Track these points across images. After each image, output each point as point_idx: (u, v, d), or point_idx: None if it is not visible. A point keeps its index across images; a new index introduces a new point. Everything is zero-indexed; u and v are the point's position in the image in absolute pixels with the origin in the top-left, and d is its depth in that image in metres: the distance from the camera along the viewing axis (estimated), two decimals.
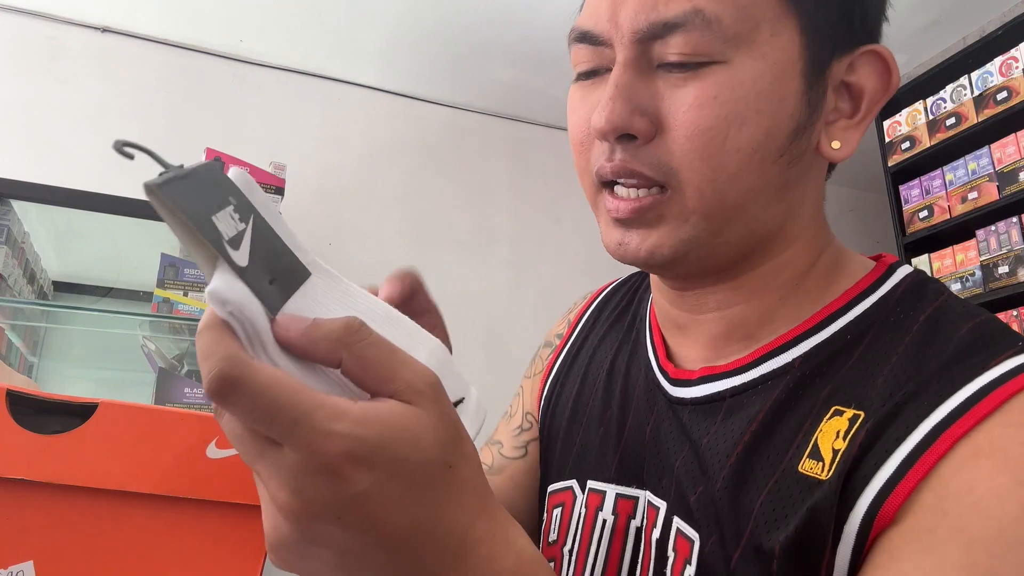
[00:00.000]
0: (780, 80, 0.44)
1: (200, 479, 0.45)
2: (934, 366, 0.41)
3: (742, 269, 0.49)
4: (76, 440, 0.44)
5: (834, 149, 0.47)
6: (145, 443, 0.45)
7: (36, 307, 2.01)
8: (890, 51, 0.47)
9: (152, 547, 0.45)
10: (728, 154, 0.43)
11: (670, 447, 0.51)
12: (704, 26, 0.42)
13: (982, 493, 0.35)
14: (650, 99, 0.45)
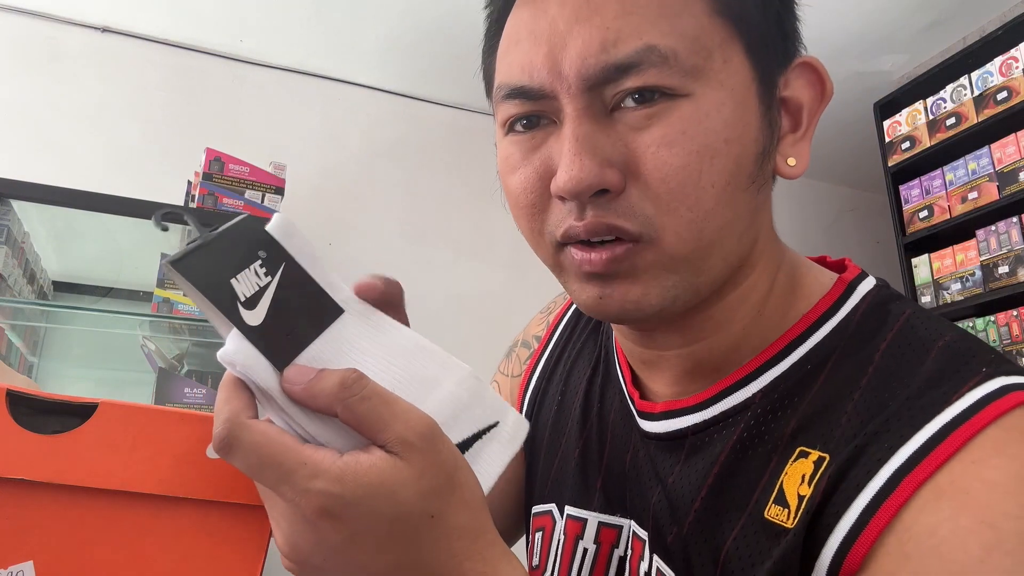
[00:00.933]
0: (741, 106, 0.42)
1: (200, 479, 0.45)
2: (897, 403, 0.39)
3: (710, 302, 0.46)
4: (76, 440, 0.44)
5: (790, 166, 0.45)
6: (145, 443, 0.45)
7: (36, 307, 2.01)
8: (813, 59, 0.46)
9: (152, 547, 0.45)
10: (704, 190, 0.41)
11: (645, 481, 0.49)
12: (661, 62, 0.40)
13: (944, 535, 0.34)
14: (613, 147, 0.41)
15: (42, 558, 0.43)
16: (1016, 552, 0.33)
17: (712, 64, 0.41)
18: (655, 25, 0.40)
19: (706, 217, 0.41)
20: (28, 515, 0.43)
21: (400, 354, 0.36)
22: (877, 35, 2.49)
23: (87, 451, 0.44)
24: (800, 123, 0.46)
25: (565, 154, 0.41)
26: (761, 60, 0.43)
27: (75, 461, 0.43)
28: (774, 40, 0.44)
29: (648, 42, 0.40)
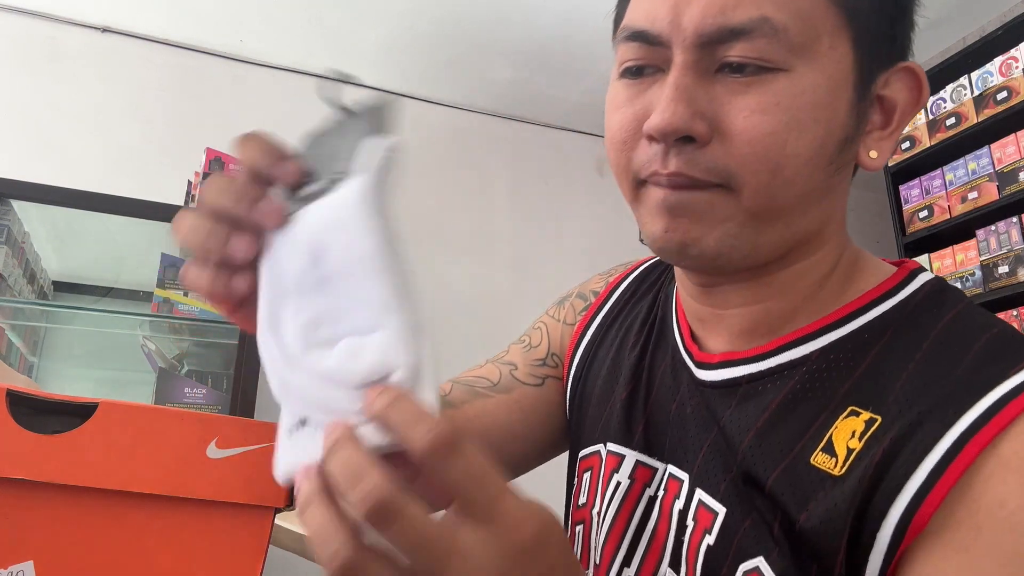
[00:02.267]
0: (835, 92, 0.45)
1: (200, 479, 0.45)
2: (955, 376, 0.41)
3: (774, 268, 0.49)
4: (76, 440, 0.44)
5: (872, 159, 0.48)
6: (145, 443, 0.45)
7: (36, 307, 2.01)
8: (915, 67, 0.49)
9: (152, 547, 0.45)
10: (787, 159, 0.44)
11: (695, 426, 0.52)
12: (771, 34, 0.43)
13: (1013, 508, 0.36)
14: (708, 103, 0.45)
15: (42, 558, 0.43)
16: None
17: (819, 46, 0.44)
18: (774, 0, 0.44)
19: (784, 184, 0.45)
20: (28, 515, 0.43)
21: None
22: None
23: (87, 451, 0.44)
24: (891, 122, 0.49)
25: (663, 98, 0.45)
26: (865, 55, 0.46)
27: (75, 461, 0.43)
28: (882, 40, 0.47)
29: (764, 13, 0.43)
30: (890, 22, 0.47)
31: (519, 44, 2.53)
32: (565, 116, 3.01)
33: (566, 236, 2.96)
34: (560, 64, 2.63)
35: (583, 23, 2.40)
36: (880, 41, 0.47)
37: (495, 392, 0.66)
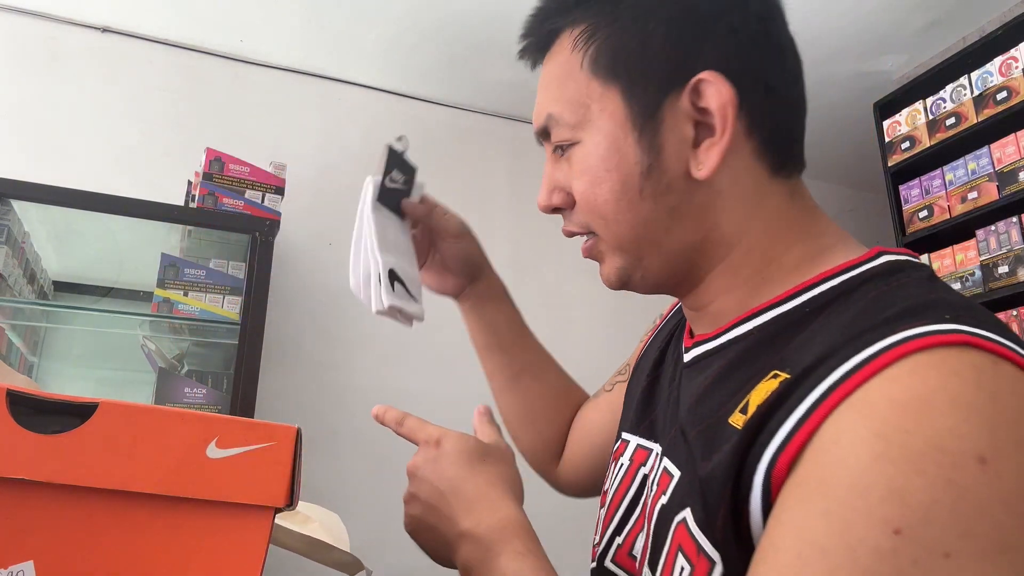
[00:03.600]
0: (616, 142, 0.54)
1: (200, 479, 0.45)
2: (853, 332, 0.43)
3: (699, 276, 0.57)
4: (76, 440, 0.44)
5: (698, 171, 0.53)
6: (145, 443, 0.45)
7: (36, 307, 2.01)
8: (716, 76, 0.51)
9: (152, 547, 0.45)
10: (602, 206, 0.55)
11: (673, 403, 0.60)
12: (557, 124, 0.57)
13: (843, 443, 0.38)
14: (563, 176, 0.59)
15: (42, 558, 0.43)
16: (899, 462, 0.36)
17: (590, 115, 0.55)
18: (552, 97, 0.57)
19: (615, 223, 0.55)
20: (28, 515, 0.43)
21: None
22: (877, 35, 2.49)
23: (87, 451, 0.44)
24: (712, 130, 0.52)
25: (542, 181, 0.62)
26: (637, 98, 0.53)
27: (75, 461, 0.43)
28: (655, 75, 0.53)
29: (549, 111, 0.57)
30: (662, 48, 0.52)
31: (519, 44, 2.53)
32: None
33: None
34: None
35: None
36: (650, 80, 0.53)
37: (597, 398, 0.84)
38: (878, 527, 0.35)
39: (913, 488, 0.36)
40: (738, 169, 0.53)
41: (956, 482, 0.35)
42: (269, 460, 0.47)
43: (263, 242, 1.96)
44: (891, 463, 0.36)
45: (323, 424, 2.35)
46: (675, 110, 0.53)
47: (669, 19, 0.53)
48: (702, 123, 0.53)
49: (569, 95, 0.56)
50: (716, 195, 0.54)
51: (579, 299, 2.88)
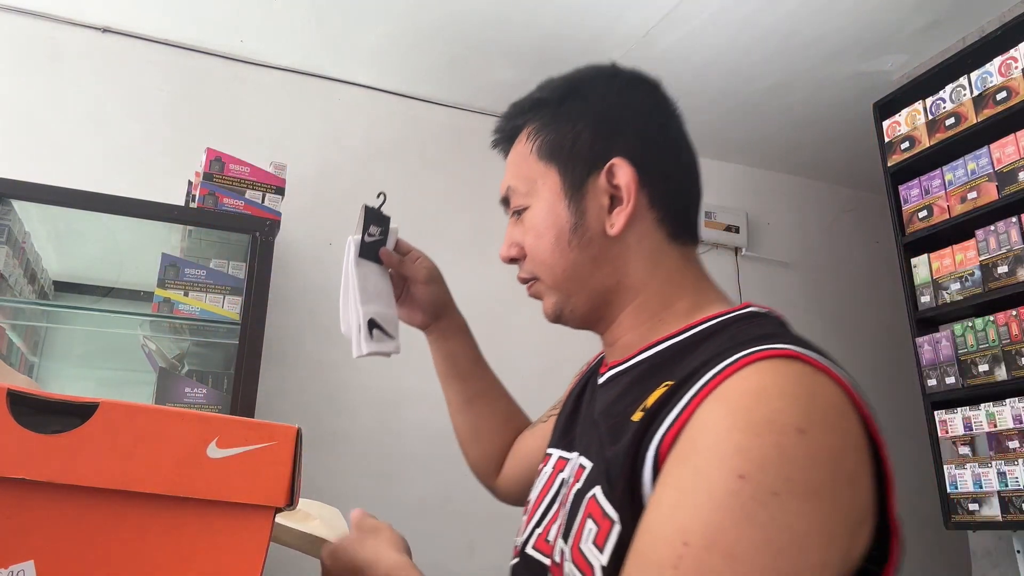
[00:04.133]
0: (553, 206, 0.74)
1: (200, 479, 0.46)
2: (719, 351, 0.59)
3: (614, 315, 0.75)
4: (77, 440, 0.44)
5: (610, 229, 0.72)
6: (146, 443, 0.45)
7: (37, 307, 2.01)
8: (622, 162, 0.71)
9: (152, 547, 0.45)
10: (543, 254, 0.74)
11: (591, 417, 0.75)
12: (514, 193, 0.77)
13: (707, 421, 0.53)
14: (516, 235, 0.78)
15: (43, 557, 0.43)
16: (744, 430, 0.51)
17: (537, 187, 0.75)
18: (512, 174, 0.78)
19: (549, 267, 0.75)
20: (29, 514, 0.43)
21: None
22: (877, 35, 2.49)
23: (88, 451, 0.44)
24: (621, 200, 0.71)
25: (505, 239, 0.80)
26: (567, 175, 0.74)
27: (76, 461, 0.44)
28: (581, 160, 0.73)
29: (509, 184, 0.78)
30: (588, 147, 0.73)
31: (519, 44, 2.53)
32: None
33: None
34: (560, 64, 2.62)
35: (583, 23, 2.41)
36: (578, 163, 0.73)
37: (532, 426, 1.01)
38: (728, 474, 0.50)
39: (753, 447, 0.50)
40: (642, 232, 0.73)
41: (782, 444, 0.50)
42: (269, 460, 0.47)
43: (263, 242, 1.96)
44: (739, 431, 0.51)
45: (323, 424, 2.35)
46: (596, 185, 0.72)
47: (593, 122, 0.74)
48: (615, 195, 0.72)
49: (523, 173, 0.77)
50: (626, 249, 0.73)
51: None
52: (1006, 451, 1.90)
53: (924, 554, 3.18)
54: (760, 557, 0.47)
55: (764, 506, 0.48)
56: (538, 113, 0.78)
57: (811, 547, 0.49)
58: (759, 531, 0.48)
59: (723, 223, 3.20)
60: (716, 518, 0.49)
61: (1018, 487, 1.86)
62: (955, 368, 2.06)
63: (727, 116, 2.98)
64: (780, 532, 0.48)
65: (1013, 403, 1.90)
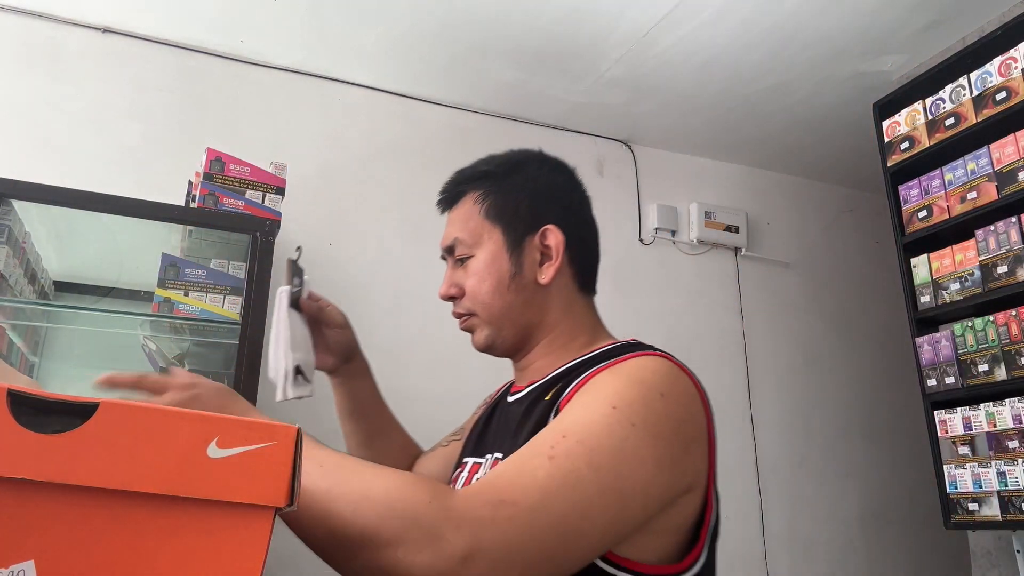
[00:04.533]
0: (496, 257, 0.91)
1: (201, 479, 0.46)
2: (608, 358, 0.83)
3: (532, 345, 0.94)
4: (77, 440, 0.44)
5: (541, 280, 0.91)
6: (146, 443, 0.45)
7: (37, 307, 2.01)
8: (554, 228, 0.92)
9: (153, 547, 0.45)
10: (482, 295, 0.91)
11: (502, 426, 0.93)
12: (461, 244, 0.93)
13: (597, 380, 0.78)
14: (457, 277, 0.94)
15: (43, 558, 0.43)
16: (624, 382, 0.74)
17: (482, 240, 0.92)
18: (459, 228, 0.94)
19: (488, 306, 0.91)
20: (29, 514, 0.43)
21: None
22: (877, 35, 2.49)
23: (88, 451, 0.44)
24: (551, 257, 0.92)
25: (443, 282, 0.96)
26: (509, 234, 0.92)
27: (76, 461, 0.44)
28: (521, 225, 0.92)
29: (455, 236, 0.94)
30: (527, 214, 0.92)
31: (519, 44, 2.53)
32: (565, 116, 3.01)
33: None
34: (560, 64, 2.63)
35: (583, 23, 2.41)
36: (518, 227, 0.92)
37: (430, 451, 1.17)
38: (605, 403, 0.71)
39: (626, 393, 0.72)
40: (562, 283, 0.93)
41: (647, 397, 0.73)
42: (270, 460, 0.47)
43: (263, 242, 1.96)
44: (619, 382, 0.75)
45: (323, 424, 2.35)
46: (532, 244, 0.92)
47: (530, 194, 0.94)
48: (545, 253, 0.92)
49: (471, 228, 0.93)
50: (549, 295, 0.93)
51: None
52: (1006, 451, 1.91)
53: (924, 554, 3.18)
54: (610, 459, 0.67)
55: (623, 429, 0.69)
56: (484, 182, 0.95)
57: (644, 469, 0.69)
58: (615, 442, 0.68)
59: (723, 223, 3.20)
60: (589, 426, 0.69)
61: (1018, 487, 1.86)
62: (955, 368, 2.06)
63: (727, 116, 2.98)
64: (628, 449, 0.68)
65: (1013, 403, 1.91)
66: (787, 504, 3.03)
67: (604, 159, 3.14)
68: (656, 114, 2.97)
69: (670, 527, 0.73)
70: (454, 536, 0.59)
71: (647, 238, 3.10)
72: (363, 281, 2.56)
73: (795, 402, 3.19)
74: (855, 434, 3.26)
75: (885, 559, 3.15)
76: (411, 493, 0.61)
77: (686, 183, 3.24)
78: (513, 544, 0.61)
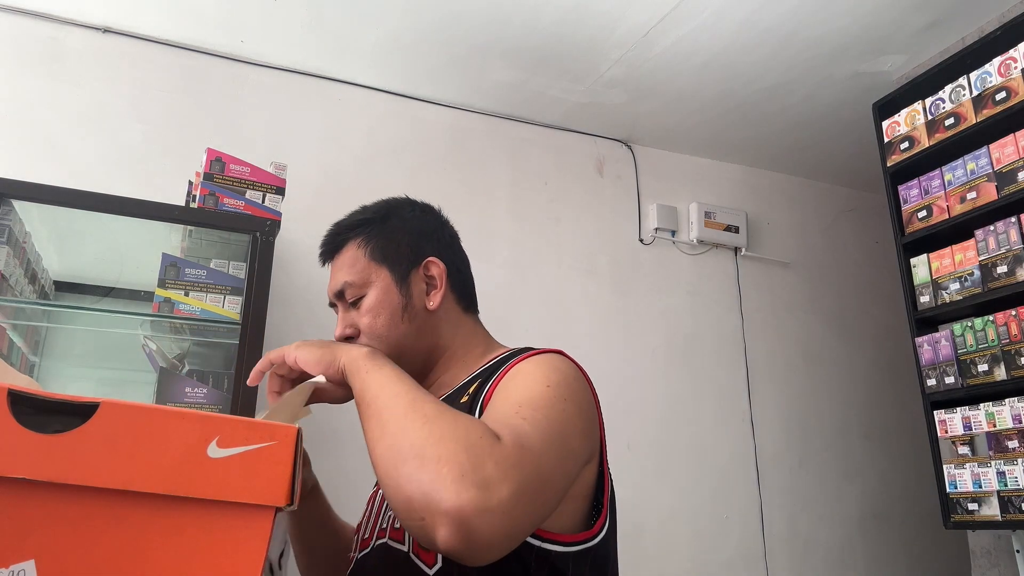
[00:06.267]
0: (386, 293, 0.99)
1: (201, 479, 0.46)
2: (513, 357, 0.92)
3: (431, 366, 1.02)
4: (77, 439, 0.44)
5: (431, 306, 1.00)
6: (146, 443, 0.45)
7: (37, 307, 2.01)
8: (436, 260, 1.02)
9: (153, 546, 0.45)
10: (379, 328, 0.97)
11: None
12: (350, 286, 0.99)
13: (518, 368, 0.86)
14: (351, 319, 1.00)
15: (43, 557, 0.43)
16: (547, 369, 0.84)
17: (371, 279, 0.99)
18: (346, 273, 1.00)
19: (384, 339, 0.97)
20: (30, 514, 0.43)
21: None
22: (876, 35, 2.49)
23: (89, 450, 0.44)
24: (436, 285, 1.01)
25: (337, 324, 1.02)
26: (396, 270, 1.00)
27: (77, 460, 0.44)
28: (405, 261, 1.01)
29: (344, 279, 1.00)
30: (405, 255, 1.01)
31: (519, 44, 2.53)
32: (565, 116, 3.01)
33: (565, 236, 2.96)
34: (560, 64, 2.63)
35: (583, 23, 2.41)
36: (402, 263, 1.00)
37: None
38: (541, 382, 0.82)
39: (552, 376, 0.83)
40: (447, 307, 1.02)
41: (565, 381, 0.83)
42: (270, 459, 0.47)
43: (264, 242, 1.96)
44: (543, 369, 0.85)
45: (323, 424, 2.35)
46: (417, 275, 1.01)
47: (408, 234, 1.03)
48: (429, 283, 1.01)
49: (357, 271, 1.00)
50: (438, 319, 1.01)
51: (579, 299, 2.88)
52: (1005, 451, 1.91)
53: (924, 554, 3.18)
54: (559, 425, 0.77)
55: (558, 403, 0.79)
56: (364, 228, 1.03)
57: (575, 436, 0.79)
58: (555, 414, 0.78)
59: (723, 223, 3.20)
60: (536, 399, 0.78)
61: (1017, 487, 1.86)
62: (954, 368, 2.06)
63: (727, 116, 2.98)
64: (563, 419, 0.78)
65: (1012, 403, 1.91)
66: (787, 504, 3.03)
67: (604, 159, 3.14)
68: (656, 114, 2.97)
69: (574, 494, 0.82)
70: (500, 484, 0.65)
71: (647, 238, 3.10)
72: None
73: (795, 402, 3.19)
74: (855, 434, 3.26)
75: (885, 559, 3.15)
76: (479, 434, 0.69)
77: (686, 183, 3.24)
78: (530, 496, 0.68)
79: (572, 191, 3.04)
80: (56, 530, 0.44)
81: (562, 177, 3.04)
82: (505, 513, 0.63)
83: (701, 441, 2.96)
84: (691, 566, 2.80)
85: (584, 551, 0.82)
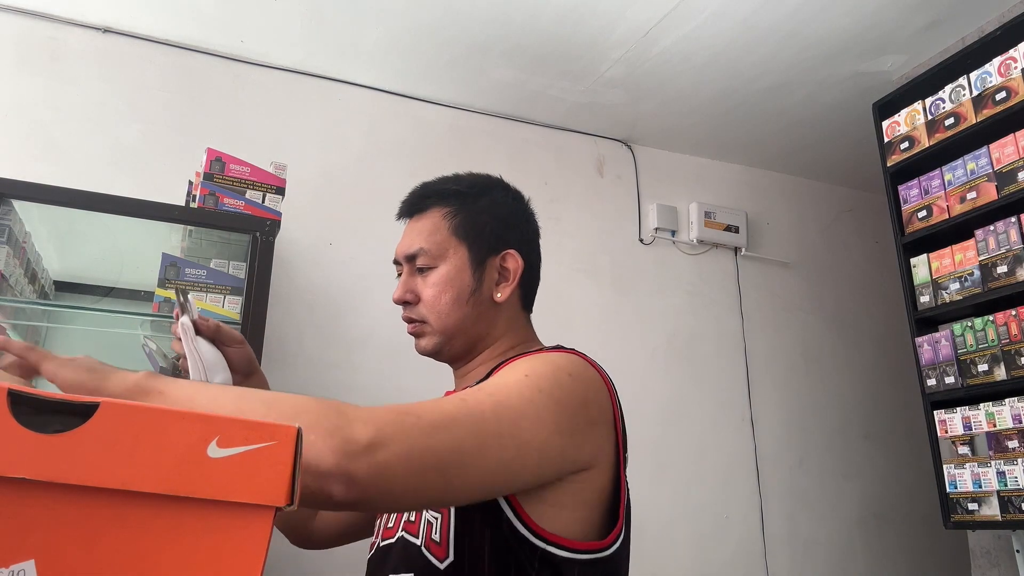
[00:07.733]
0: (459, 272, 0.97)
1: (201, 479, 0.46)
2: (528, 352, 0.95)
3: (475, 355, 1.01)
4: (77, 439, 0.44)
5: (497, 298, 0.98)
6: (146, 442, 0.45)
7: (37, 307, 2.01)
8: (515, 253, 1.00)
9: (153, 546, 0.45)
10: (440, 307, 0.97)
11: None
12: (425, 254, 0.98)
13: (505, 371, 0.86)
14: (414, 284, 0.99)
15: (43, 557, 0.43)
16: (537, 362, 0.85)
17: (447, 254, 0.98)
18: (424, 239, 0.98)
19: (443, 316, 0.97)
20: (29, 514, 0.43)
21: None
22: (877, 35, 2.49)
23: (88, 450, 0.44)
24: (508, 279, 0.99)
25: (399, 284, 1.01)
26: (474, 252, 0.98)
27: (76, 460, 0.44)
28: (486, 245, 0.99)
29: (420, 245, 0.98)
30: (490, 237, 0.99)
31: (519, 44, 2.53)
32: (565, 116, 3.01)
33: (565, 236, 2.96)
34: (560, 64, 2.63)
35: (583, 23, 2.41)
36: (483, 247, 0.98)
37: None
38: (520, 373, 0.82)
39: (537, 367, 0.83)
40: (511, 302, 1.01)
41: (555, 374, 0.82)
42: (270, 459, 0.47)
43: (264, 242, 1.96)
44: (532, 362, 0.85)
45: None
46: (492, 264, 0.99)
47: (495, 218, 1.01)
48: (503, 273, 1.00)
49: (437, 240, 0.98)
50: (499, 312, 1.00)
51: (579, 299, 2.88)
52: (1005, 451, 1.91)
53: (924, 554, 3.18)
54: (514, 413, 0.76)
55: (531, 392, 0.79)
56: (454, 200, 1.01)
57: (543, 428, 0.77)
58: (522, 402, 0.77)
59: (723, 223, 3.20)
60: (502, 387, 0.79)
61: (1017, 487, 1.86)
62: (954, 368, 2.06)
63: (727, 116, 2.98)
64: (531, 408, 0.77)
65: (1012, 403, 1.91)
66: (787, 504, 3.03)
67: (604, 159, 3.14)
68: (656, 114, 2.97)
69: (580, 501, 0.81)
70: (361, 428, 0.66)
71: (647, 238, 3.10)
72: (363, 281, 2.56)
73: (795, 402, 3.19)
74: (855, 434, 3.26)
75: (885, 559, 3.15)
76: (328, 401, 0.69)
77: (686, 183, 3.24)
78: (413, 446, 0.68)
79: (572, 191, 3.04)
80: (56, 530, 0.44)
81: (562, 177, 3.04)
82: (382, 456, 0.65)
83: (701, 441, 2.96)
84: (691, 566, 2.80)
85: (593, 561, 0.81)
